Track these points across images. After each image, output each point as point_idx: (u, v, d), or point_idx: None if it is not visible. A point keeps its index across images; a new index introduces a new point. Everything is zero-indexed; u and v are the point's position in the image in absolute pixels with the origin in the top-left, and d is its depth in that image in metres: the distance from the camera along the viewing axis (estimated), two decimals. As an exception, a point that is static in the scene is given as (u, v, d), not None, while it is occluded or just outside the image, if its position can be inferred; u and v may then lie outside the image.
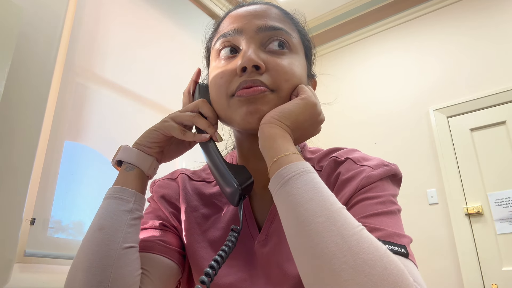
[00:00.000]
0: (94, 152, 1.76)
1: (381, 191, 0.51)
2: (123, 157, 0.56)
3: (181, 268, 0.60)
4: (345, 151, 0.59)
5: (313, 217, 0.39)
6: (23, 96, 1.35)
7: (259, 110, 0.52)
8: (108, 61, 1.89)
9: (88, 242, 0.49)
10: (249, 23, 0.56)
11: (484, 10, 2.69)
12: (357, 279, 0.35)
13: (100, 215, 0.51)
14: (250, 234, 0.59)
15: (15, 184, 1.27)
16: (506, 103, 2.44)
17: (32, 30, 1.43)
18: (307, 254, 0.39)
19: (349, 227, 0.39)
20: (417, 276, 0.41)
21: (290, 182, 0.43)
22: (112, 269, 0.47)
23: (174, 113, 0.59)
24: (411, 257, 0.44)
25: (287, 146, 0.47)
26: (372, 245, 0.37)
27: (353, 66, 3.25)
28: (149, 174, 0.57)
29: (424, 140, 2.70)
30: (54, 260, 1.44)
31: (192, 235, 0.61)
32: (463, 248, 2.33)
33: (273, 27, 0.55)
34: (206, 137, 0.56)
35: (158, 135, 0.57)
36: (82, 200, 1.63)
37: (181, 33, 2.40)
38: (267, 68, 0.53)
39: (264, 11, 0.58)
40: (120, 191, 0.53)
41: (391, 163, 0.56)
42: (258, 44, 0.55)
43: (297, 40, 0.59)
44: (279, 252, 0.55)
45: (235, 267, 0.57)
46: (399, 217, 0.51)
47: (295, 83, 0.55)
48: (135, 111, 1.95)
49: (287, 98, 0.54)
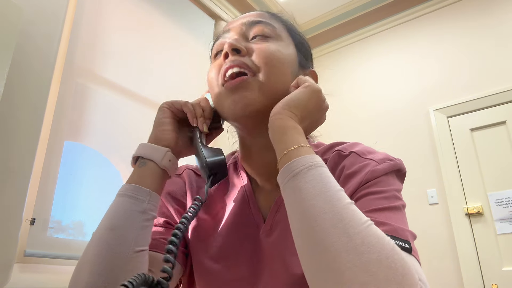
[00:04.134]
0: (94, 152, 1.76)
1: (385, 186, 0.51)
2: (137, 152, 0.56)
3: (183, 267, 0.60)
4: (349, 144, 0.59)
5: (320, 213, 0.39)
6: (23, 96, 1.35)
7: (243, 97, 0.53)
8: (108, 61, 1.89)
9: (97, 241, 0.47)
10: (236, 23, 0.61)
11: (485, 10, 2.69)
12: (361, 279, 0.35)
13: (112, 213, 0.49)
14: (256, 224, 0.59)
15: (15, 184, 1.27)
16: (506, 103, 2.44)
17: (32, 30, 1.43)
18: (312, 250, 0.39)
19: (355, 224, 0.38)
20: (420, 273, 0.40)
21: (298, 176, 0.43)
22: (120, 271, 0.45)
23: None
24: (414, 253, 0.44)
25: (298, 138, 0.47)
26: (378, 242, 0.37)
27: (353, 66, 3.25)
28: (165, 167, 0.54)
29: (424, 140, 2.69)
30: (54, 260, 1.44)
31: (197, 229, 0.61)
32: (463, 248, 2.33)
33: (255, 21, 0.59)
34: (194, 121, 0.59)
35: (164, 113, 0.58)
36: (82, 200, 1.63)
37: (181, 33, 2.40)
38: (249, 52, 0.56)
39: (251, 14, 0.62)
40: (135, 189, 0.50)
41: (395, 157, 0.56)
42: (242, 35, 0.59)
43: (283, 33, 0.61)
44: (283, 243, 0.54)
45: (241, 259, 0.57)
46: (403, 212, 0.51)
47: (276, 65, 0.55)
48: (135, 111, 1.95)
49: (271, 82, 0.55)
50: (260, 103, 0.54)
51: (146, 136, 0.59)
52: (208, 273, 0.58)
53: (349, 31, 3.32)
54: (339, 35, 3.36)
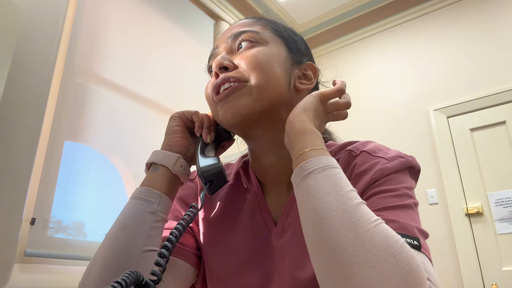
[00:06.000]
0: (94, 152, 1.76)
1: (396, 184, 0.50)
2: (150, 159, 0.58)
3: (197, 270, 0.61)
4: (360, 143, 0.59)
5: (329, 211, 0.40)
6: (23, 96, 1.35)
7: (233, 105, 0.55)
8: (108, 61, 1.89)
9: (109, 239, 0.49)
10: (222, 37, 0.63)
11: (484, 10, 2.69)
12: (366, 274, 0.35)
13: (125, 214, 0.51)
14: (267, 228, 0.59)
15: (15, 184, 1.27)
16: (506, 103, 2.44)
17: (32, 30, 1.43)
18: (320, 246, 0.39)
19: (364, 222, 0.38)
20: (430, 270, 0.40)
21: (311, 175, 0.44)
22: (128, 268, 0.47)
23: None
24: (424, 250, 0.44)
25: (315, 141, 0.48)
26: (386, 240, 0.37)
27: (353, 66, 3.25)
28: (177, 172, 0.56)
29: (424, 140, 2.69)
30: (54, 260, 1.44)
31: (208, 234, 0.62)
32: (463, 248, 2.33)
33: (238, 32, 0.60)
34: (198, 131, 0.61)
35: (175, 121, 0.61)
36: (82, 200, 1.63)
37: (181, 33, 2.40)
38: (236, 65, 0.58)
39: (235, 25, 0.64)
40: (146, 192, 0.53)
41: (408, 155, 0.55)
42: (229, 50, 0.61)
43: (269, 34, 0.62)
44: (293, 246, 0.54)
45: (253, 264, 0.57)
46: (415, 210, 0.50)
47: (265, 69, 0.57)
48: (135, 111, 1.95)
49: (262, 86, 0.56)
50: (251, 107, 0.55)
51: (146, 136, 0.60)
52: (220, 278, 0.59)
53: (349, 31, 3.32)
54: (339, 35, 3.36)
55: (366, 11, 3.16)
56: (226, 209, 0.64)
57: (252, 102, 0.55)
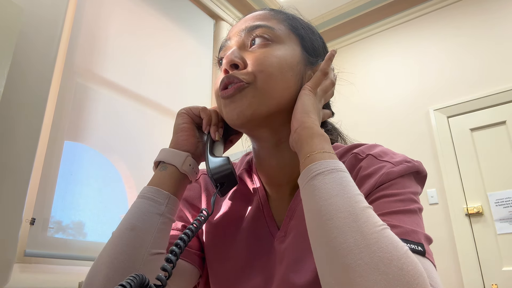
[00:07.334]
0: (94, 152, 1.76)
1: (400, 189, 0.50)
2: (158, 157, 0.56)
3: (200, 271, 0.60)
4: (366, 146, 0.58)
5: (336, 212, 0.40)
6: (23, 96, 1.35)
7: (237, 106, 0.54)
8: (108, 61, 1.89)
9: (117, 239, 0.48)
10: (236, 29, 0.60)
11: (485, 9, 2.69)
12: (370, 277, 0.35)
13: (133, 214, 0.50)
14: (270, 232, 0.59)
15: (15, 184, 1.27)
16: (506, 103, 2.44)
17: (32, 30, 1.43)
18: (325, 247, 0.39)
19: (370, 225, 0.38)
20: (433, 276, 0.40)
21: (318, 177, 0.43)
22: (135, 271, 0.45)
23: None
24: (428, 255, 0.44)
25: (323, 144, 0.48)
26: (391, 244, 0.37)
27: (353, 66, 3.25)
28: (185, 171, 0.55)
29: (424, 140, 2.70)
30: (54, 260, 1.44)
31: (212, 237, 0.61)
32: (463, 248, 2.33)
33: (253, 26, 0.58)
34: (206, 128, 0.60)
35: (183, 118, 0.59)
36: (82, 200, 1.63)
37: (181, 33, 2.40)
38: (246, 64, 0.56)
39: (250, 17, 0.61)
40: (154, 192, 0.52)
41: (414, 160, 0.55)
42: (242, 45, 0.58)
43: (285, 31, 0.59)
44: (292, 249, 0.54)
45: (256, 268, 0.57)
46: (419, 216, 0.50)
47: (273, 72, 0.54)
48: (135, 111, 1.95)
49: (268, 89, 0.54)
50: (257, 110, 0.54)
51: (146, 136, 0.60)
52: (222, 281, 0.59)
53: (349, 31, 3.32)
54: (339, 35, 3.36)
55: (366, 11, 3.16)
56: (229, 211, 0.63)
57: (258, 105, 0.54)
